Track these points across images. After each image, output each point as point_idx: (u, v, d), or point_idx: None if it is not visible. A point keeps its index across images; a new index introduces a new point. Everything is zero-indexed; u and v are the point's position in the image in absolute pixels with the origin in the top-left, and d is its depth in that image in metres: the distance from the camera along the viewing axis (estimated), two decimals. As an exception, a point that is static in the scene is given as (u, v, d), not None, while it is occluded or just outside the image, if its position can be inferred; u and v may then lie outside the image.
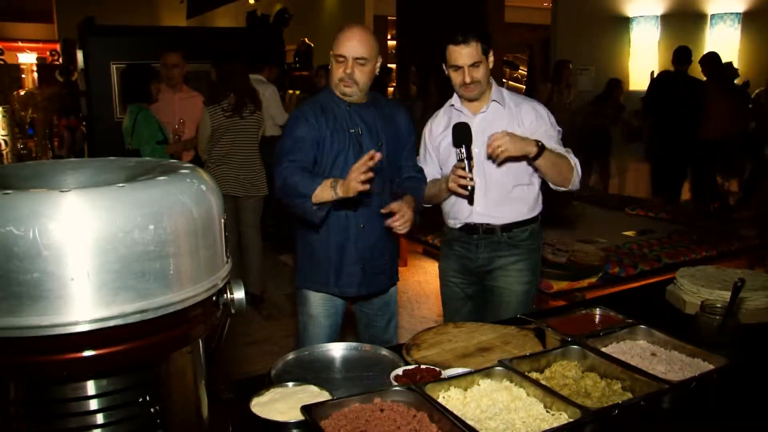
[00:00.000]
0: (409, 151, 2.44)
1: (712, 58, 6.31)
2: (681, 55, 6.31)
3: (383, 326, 2.50)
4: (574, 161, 2.31)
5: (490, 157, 2.21)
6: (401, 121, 2.40)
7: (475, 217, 2.39)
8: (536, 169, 2.31)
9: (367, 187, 1.99)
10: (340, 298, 2.39)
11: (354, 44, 2.21)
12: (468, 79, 2.29)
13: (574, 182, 2.31)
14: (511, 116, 2.35)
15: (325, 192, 2.03)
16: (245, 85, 4.27)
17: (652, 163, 6.78)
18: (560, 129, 2.40)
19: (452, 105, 2.44)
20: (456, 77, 2.33)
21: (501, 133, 2.14)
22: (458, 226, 2.45)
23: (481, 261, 2.43)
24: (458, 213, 2.44)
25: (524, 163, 2.32)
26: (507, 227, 2.39)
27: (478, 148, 2.31)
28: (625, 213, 5.36)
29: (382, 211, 2.19)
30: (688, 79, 6.27)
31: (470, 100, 2.39)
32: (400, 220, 2.15)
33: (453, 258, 2.51)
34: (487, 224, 2.39)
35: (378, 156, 1.98)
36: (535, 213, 2.44)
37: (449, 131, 2.30)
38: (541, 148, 2.17)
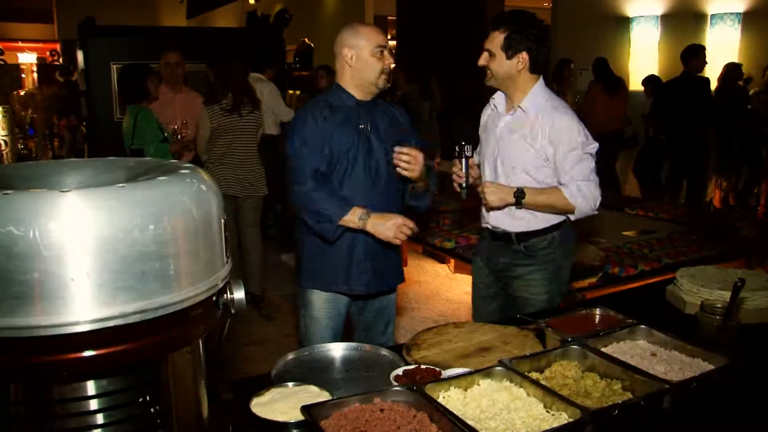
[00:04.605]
0: (414, 143, 2.44)
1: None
2: (693, 55, 6.15)
3: (381, 330, 2.50)
4: (574, 194, 2.21)
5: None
6: (402, 118, 2.44)
7: (492, 221, 2.39)
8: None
9: (398, 242, 2.17)
10: (348, 296, 2.38)
11: (384, 35, 2.27)
12: (480, 62, 2.30)
13: (579, 212, 2.25)
14: (533, 128, 2.26)
15: (351, 220, 2.15)
16: (243, 84, 4.27)
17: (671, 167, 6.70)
18: (595, 145, 2.27)
19: (494, 97, 2.43)
20: None
21: (486, 184, 2.25)
22: (484, 225, 2.47)
23: (501, 266, 2.43)
24: (483, 212, 2.45)
25: (539, 171, 2.28)
26: (524, 236, 2.35)
27: (498, 149, 2.34)
28: (625, 213, 5.36)
29: (396, 148, 2.22)
30: (699, 80, 6.19)
31: (504, 91, 2.37)
32: (406, 157, 2.18)
33: (481, 257, 2.53)
34: (504, 230, 2.38)
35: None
36: (557, 221, 2.34)
37: (485, 122, 2.41)
38: (519, 199, 2.21)
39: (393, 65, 2.31)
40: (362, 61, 2.23)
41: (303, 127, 2.22)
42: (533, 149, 2.26)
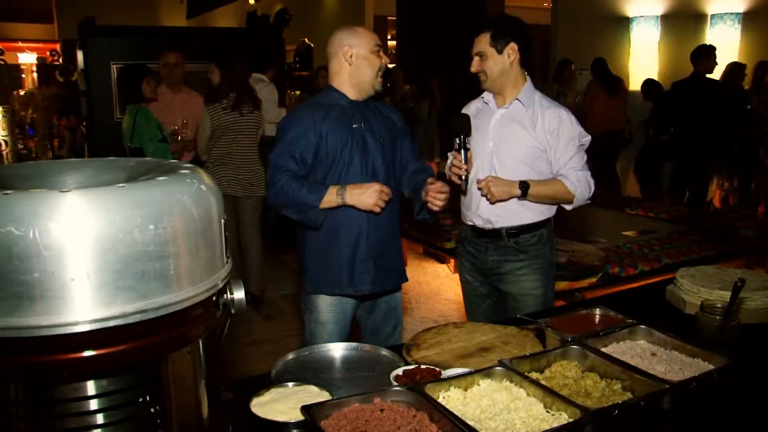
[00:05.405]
0: (408, 142, 2.46)
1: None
2: (703, 56, 6.00)
3: (389, 332, 2.50)
4: (575, 183, 2.29)
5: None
6: (395, 117, 2.45)
7: (483, 215, 2.39)
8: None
9: (378, 210, 2.16)
10: (353, 298, 2.37)
11: (378, 35, 2.30)
12: (472, 68, 2.35)
13: (578, 200, 2.33)
14: (531, 119, 2.32)
15: (330, 199, 2.15)
16: (245, 83, 4.28)
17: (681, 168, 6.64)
18: (588, 137, 2.36)
19: (483, 96, 2.48)
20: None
21: (489, 178, 2.26)
22: (469, 223, 2.47)
23: (491, 264, 2.44)
24: (468, 208, 2.46)
25: (537, 162, 2.32)
26: (514, 233, 2.37)
27: (493, 142, 2.37)
28: (625, 213, 5.36)
29: (429, 180, 2.22)
30: (708, 81, 6.09)
31: (493, 93, 2.41)
32: (443, 197, 2.16)
33: (466, 257, 2.54)
34: (492, 227, 2.39)
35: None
36: (546, 216, 2.41)
37: (475, 120, 2.40)
38: (524, 191, 2.25)
39: (389, 65, 2.33)
40: (361, 59, 2.25)
41: (285, 134, 2.23)
42: (532, 138, 2.30)
